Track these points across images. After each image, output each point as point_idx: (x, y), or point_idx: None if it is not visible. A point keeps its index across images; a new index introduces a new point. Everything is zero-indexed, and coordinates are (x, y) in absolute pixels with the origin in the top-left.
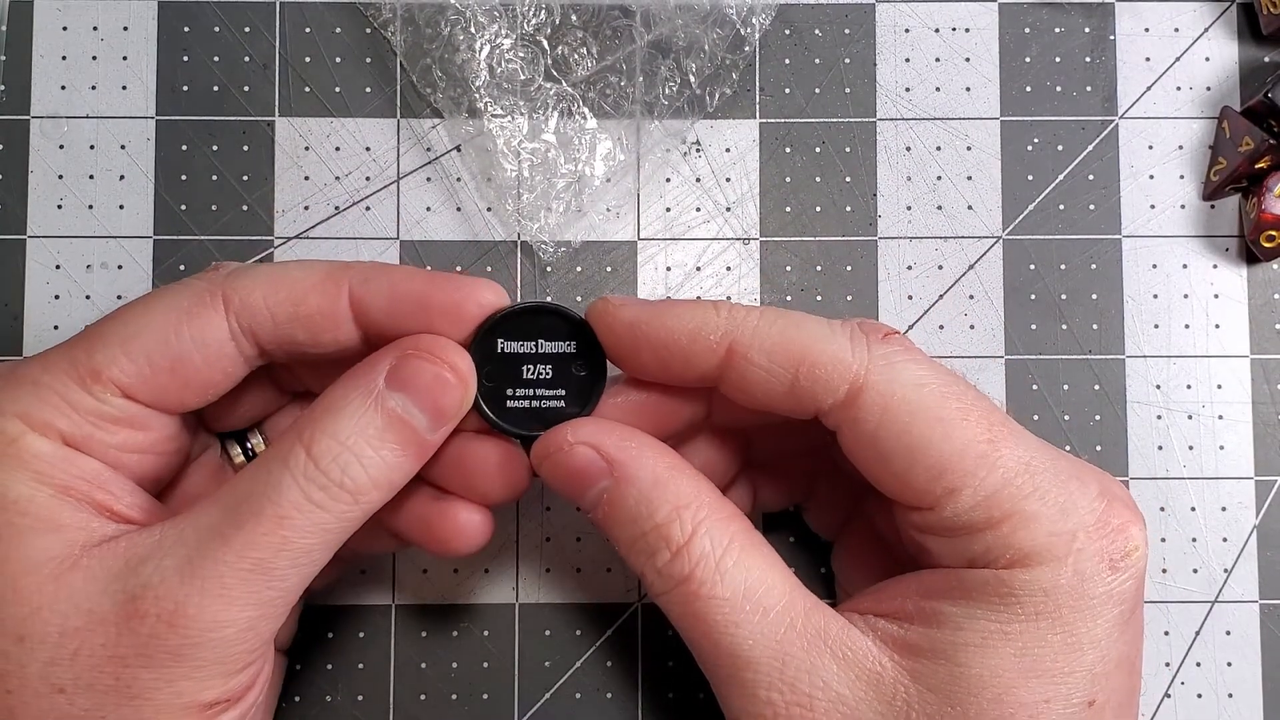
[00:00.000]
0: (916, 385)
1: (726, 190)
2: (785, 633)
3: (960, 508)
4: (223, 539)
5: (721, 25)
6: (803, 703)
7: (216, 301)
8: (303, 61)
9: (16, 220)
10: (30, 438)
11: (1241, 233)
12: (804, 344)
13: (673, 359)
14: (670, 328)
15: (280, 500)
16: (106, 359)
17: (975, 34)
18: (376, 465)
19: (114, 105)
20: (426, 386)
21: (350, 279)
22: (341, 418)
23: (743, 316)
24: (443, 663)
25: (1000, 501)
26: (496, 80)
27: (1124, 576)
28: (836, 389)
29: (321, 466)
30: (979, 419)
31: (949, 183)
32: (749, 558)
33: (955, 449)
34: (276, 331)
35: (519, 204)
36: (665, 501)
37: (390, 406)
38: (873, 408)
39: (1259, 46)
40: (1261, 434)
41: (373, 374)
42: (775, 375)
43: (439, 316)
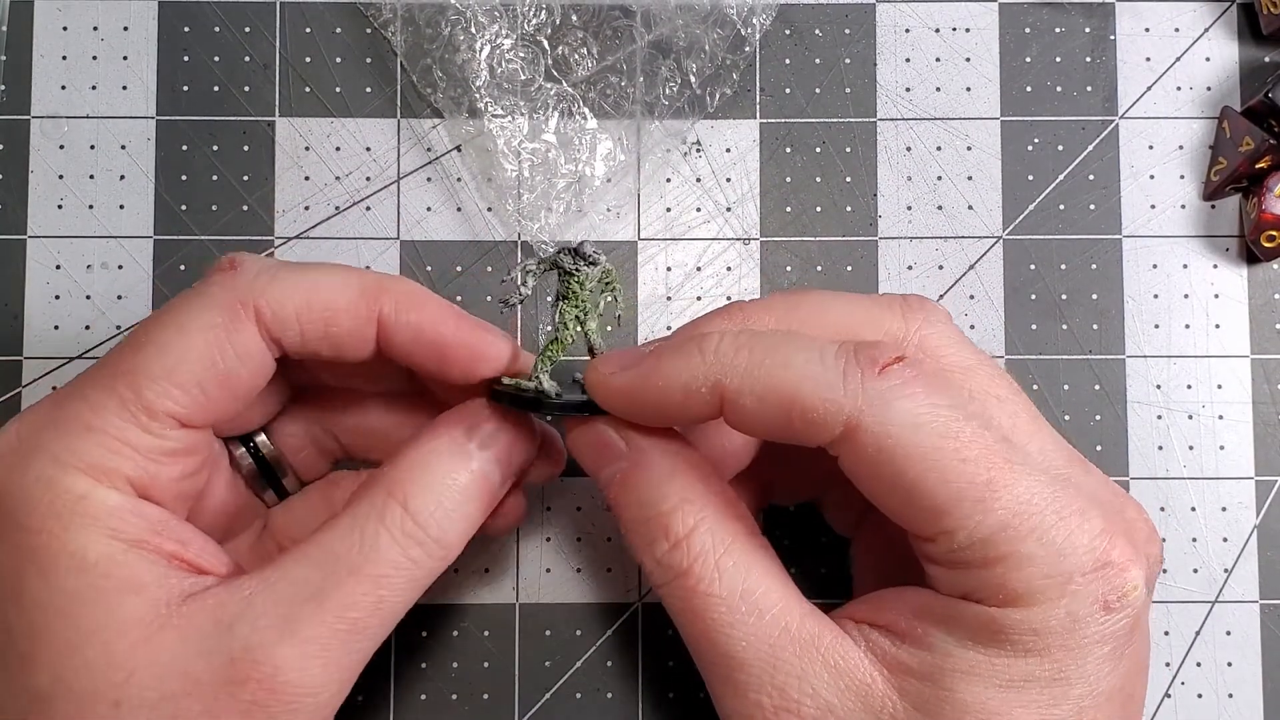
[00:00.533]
0: (912, 426)
1: (727, 190)
2: (779, 637)
3: (956, 545)
4: (319, 599)
5: (722, 25)
6: (790, 708)
7: (249, 312)
8: (303, 61)
9: (17, 220)
10: (100, 492)
11: (1242, 233)
12: (794, 386)
13: (672, 416)
14: (661, 388)
15: (379, 559)
16: (158, 393)
17: (975, 34)
18: (465, 518)
19: (114, 105)
20: (507, 447)
21: (383, 306)
22: (435, 473)
23: (730, 358)
24: (443, 663)
25: (996, 544)
26: (497, 80)
27: (1119, 617)
28: (831, 429)
29: (420, 521)
30: (978, 458)
31: (949, 183)
32: (749, 560)
33: (951, 492)
34: (303, 347)
35: (519, 204)
36: (673, 493)
37: (478, 460)
38: (867, 446)
39: (1259, 46)
40: (1262, 434)
41: (461, 433)
42: (770, 419)
43: (454, 367)
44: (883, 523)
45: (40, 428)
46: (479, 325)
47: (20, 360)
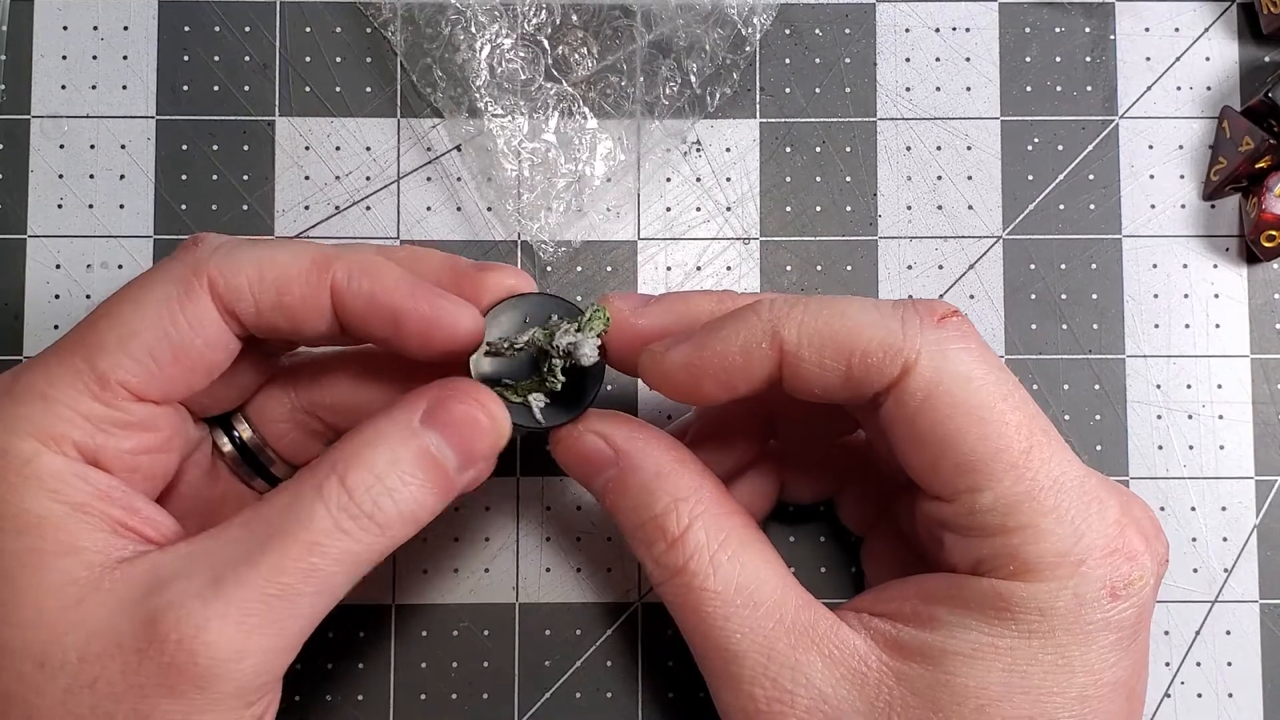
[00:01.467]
0: (965, 377)
1: (727, 190)
2: (773, 628)
3: (978, 507)
4: (249, 563)
5: (723, 25)
6: (784, 699)
7: (203, 282)
8: (303, 61)
9: (17, 220)
10: (46, 456)
11: (1242, 232)
12: (852, 333)
13: (734, 380)
14: (722, 352)
15: (312, 526)
16: (111, 364)
17: (975, 34)
18: (405, 500)
19: (114, 105)
20: (460, 427)
21: (335, 272)
22: (377, 451)
23: (785, 313)
24: (443, 663)
25: (1019, 512)
26: (497, 80)
27: (1124, 605)
28: (889, 373)
29: (355, 497)
30: (1021, 424)
31: (949, 182)
32: (744, 553)
33: (989, 450)
34: (259, 318)
35: (519, 204)
36: (665, 493)
37: (423, 443)
38: (915, 392)
39: (1259, 46)
40: (1261, 434)
41: (410, 411)
42: (828, 369)
43: (411, 337)
44: (896, 520)
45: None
46: (437, 294)
47: (20, 360)
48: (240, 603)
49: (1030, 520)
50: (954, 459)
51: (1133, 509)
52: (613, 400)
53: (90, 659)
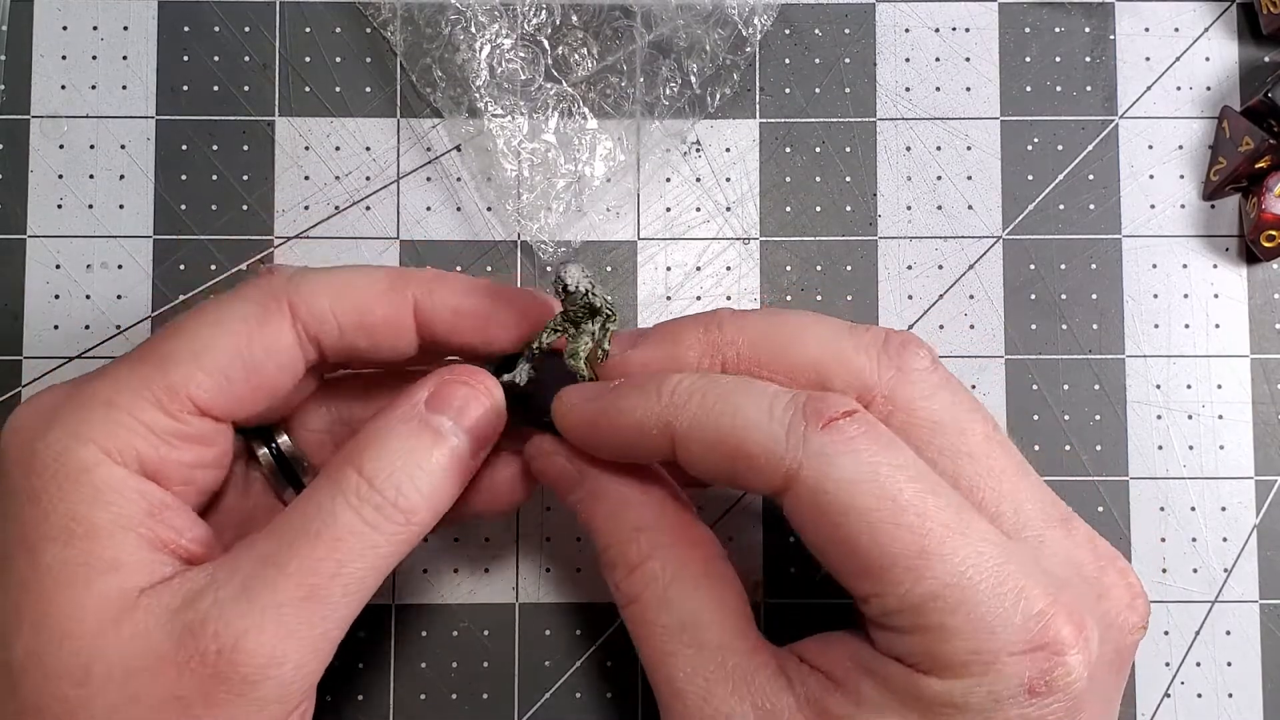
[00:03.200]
0: (850, 483)
1: (726, 190)
2: (714, 671)
3: (886, 610)
4: (278, 566)
5: (723, 25)
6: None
7: (283, 308)
8: (303, 61)
9: (16, 220)
10: (105, 465)
11: (1241, 232)
12: (738, 436)
13: (624, 450)
14: (616, 425)
15: (335, 523)
16: (183, 376)
17: (975, 34)
18: (426, 482)
19: (114, 105)
20: (464, 408)
21: (414, 289)
22: (391, 439)
23: (683, 402)
24: (443, 663)
25: (925, 612)
26: (497, 80)
27: (1048, 701)
28: (772, 480)
29: (376, 485)
30: (914, 524)
31: (949, 182)
32: (698, 590)
33: (883, 556)
34: (341, 340)
35: (519, 204)
36: (626, 522)
37: (435, 425)
38: (804, 501)
39: (1259, 46)
40: (1261, 434)
41: (414, 398)
42: (714, 463)
43: (498, 331)
44: None
45: (62, 401)
46: (508, 288)
47: (20, 360)
48: (274, 608)
49: (938, 619)
50: (853, 565)
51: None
52: None
53: (131, 676)
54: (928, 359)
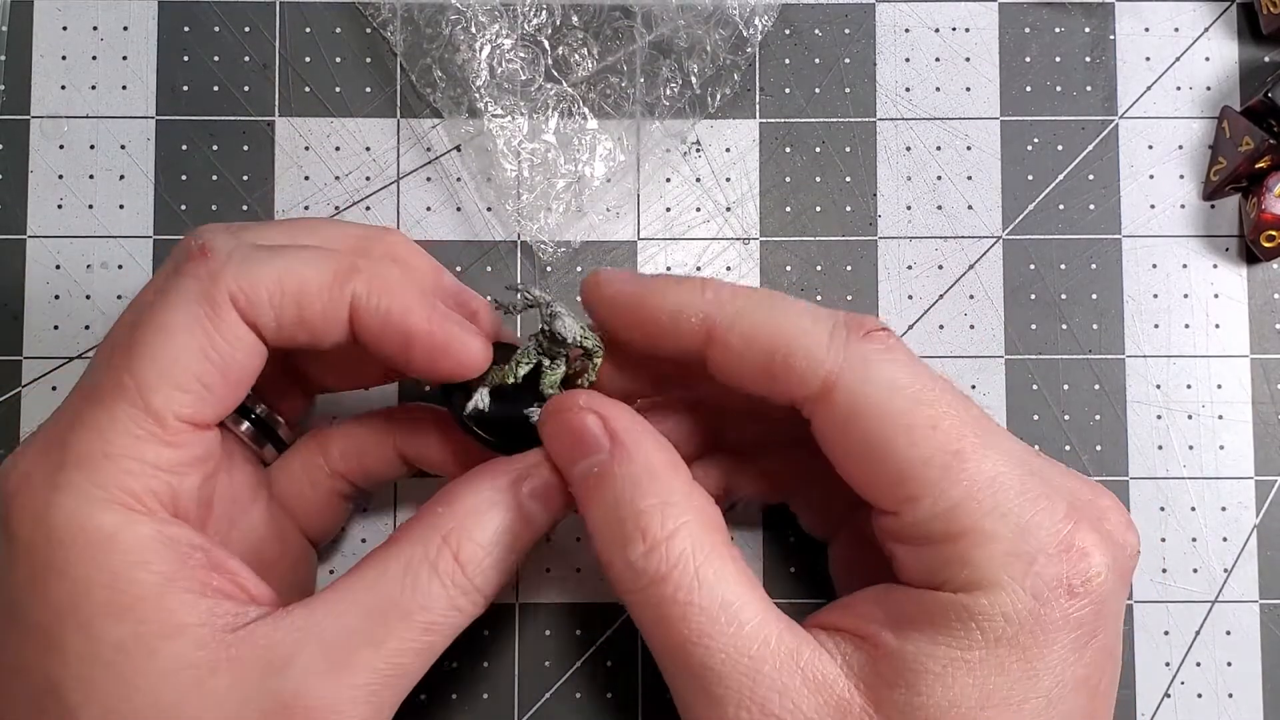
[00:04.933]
0: (890, 388)
1: (726, 190)
2: (759, 650)
3: (920, 517)
4: (373, 645)
5: (724, 26)
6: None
7: (228, 301)
8: (303, 61)
9: (16, 220)
10: (129, 527)
11: (1241, 232)
12: (782, 333)
13: (656, 336)
14: (655, 306)
15: (431, 607)
16: (164, 401)
17: (975, 34)
18: (510, 571)
19: (114, 105)
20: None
21: (355, 287)
22: (488, 527)
23: (728, 298)
24: (443, 663)
25: (959, 516)
26: (497, 80)
27: (1082, 602)
28: (810, 382)
29: (468, 573)
30: (950, 428)
31: (949, 182)
32: (727, 570)
33: (919, 457)
34: (279, 333)
35: (519, 204)
36: (654, 493)
37: (529, 513)
38: (842, 406)
39: (1259, 46)
40: (1261, 434)
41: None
42: (751, 360)
43: (418, 360)
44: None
45: (53, 463)
46: (452, 320)
47: (20, 360)
48: (366, 686)
49: (973, 523)
50: (887, 470)
51: (1099, 501)
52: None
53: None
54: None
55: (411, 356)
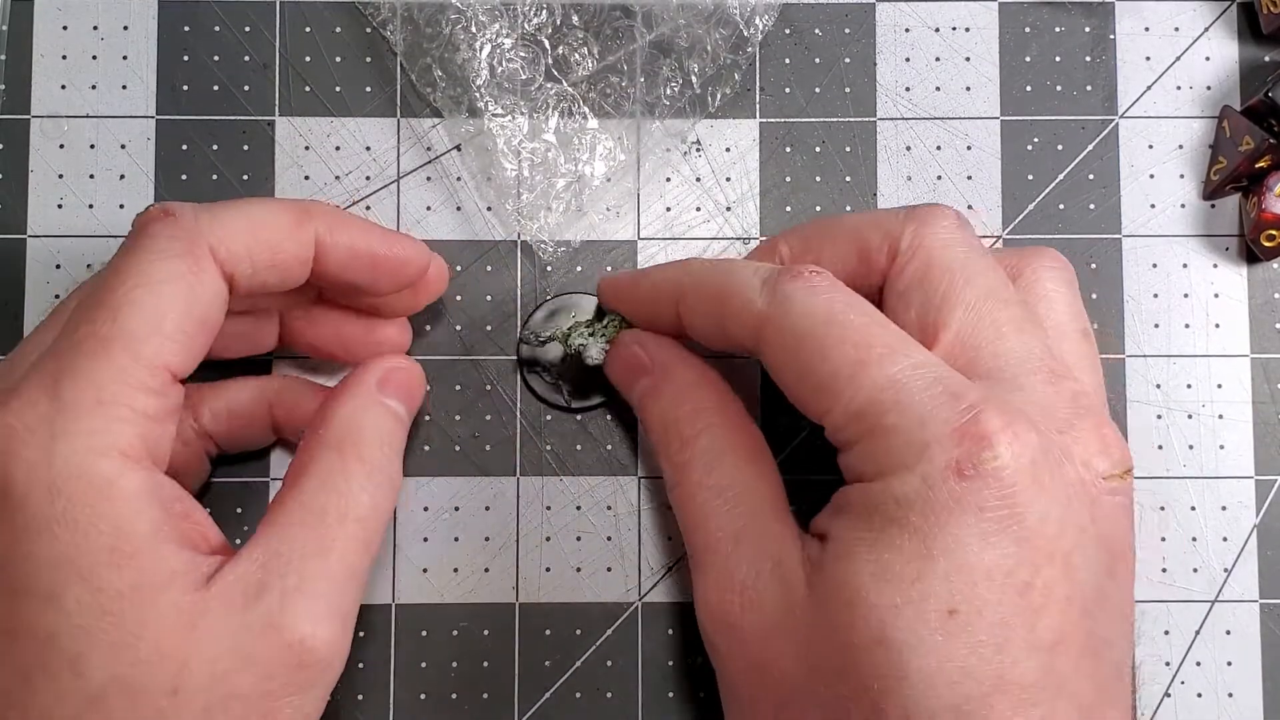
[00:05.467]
0: (806, 315)
1: (727, 190)
2: (744, 527)
3: (837, 423)
4: (323, 554)
5: (724, 25)
6: (734, 588)
7: (207, 254)
8: (303, 61)
9: (16, 220)
10: (125, 476)
11: (1242, 232)
12: (726, 286)
13: (650, 310)
14: (642, 286)
15: (359, 505)
16: (155, 351)
17: (975, 33)
18: (400, 453)
19: (114, 105)
20: (407, 387)
21: (317, 225)
22: (369, 428)
23: (694, 268)
24: (443, 663)
25: (866, 416)
26: (497, 80)
27: (975, 485)
28: (746, 323)
29: (375, 467)
30: (858, 340)
31: (949, 182)
32: (741, 465)
33: (830, 370)
34: (253, 279)
35: (519, 203)
36: (688, 401)
37: (391, 408)
38: (772, 340)
39: (1259, 46)
40: (1262, 433)
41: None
42: (704, 314)
43: (384, 278)
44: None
45: (43, 413)
46: (400, 236)
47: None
48: (328, 594)
49: (875, 422)
50: (808, 385)
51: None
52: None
53: (220, 676)
54: (952, 217)
55: (377, 277)
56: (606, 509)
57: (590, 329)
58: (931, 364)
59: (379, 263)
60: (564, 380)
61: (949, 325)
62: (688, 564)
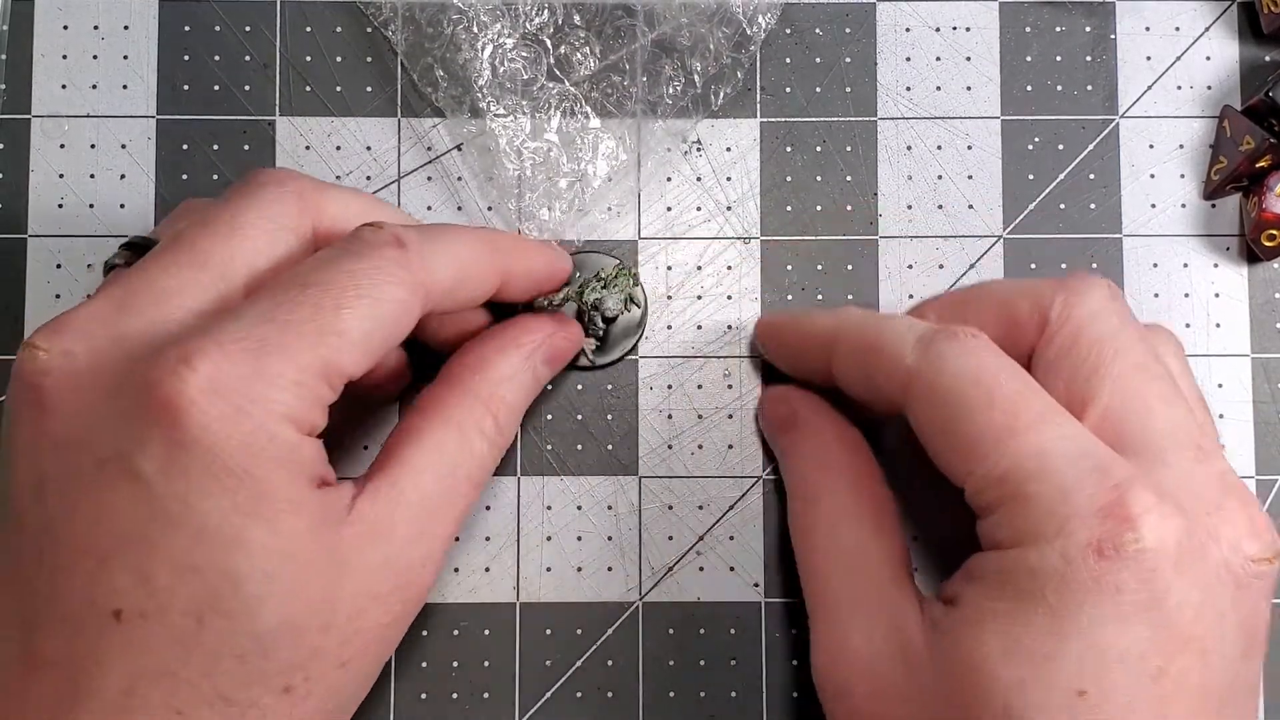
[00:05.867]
0: (955, 375)
1: (727, 189)
2: (863, 590)
3: (978, 486)
4: (448, 508)
5: (727, 24)
6: (851, 647)
7: (422, 290)
8: (303, 61)
9: (17, 220)
10: (305, 444)
11: (1242, 232)
12: (877, 338)
13: (795, 353)
14: (794, 330)
15: (485, 467)
16: (352, 360)
17: (976, 33)
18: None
19: (115, 104)
20: (562, 356)
21: (503, 260)
22: (518, 391)
23: (847, 317)
24: (443, 663)
25: (1007, 484)
26: (499, 79)
27: (1115, 566)
28: (894, 379)
29: (505, 434)
30: (1006, 405)
31: (950, 182)
32: (864, 527)
33: (975, 432)
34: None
35: (520, 203)
36: (820, 461)
37: (538, 375)
38: (917, 396)
39: (1259, 46)
40: (1262, 433)
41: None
42: (855, 364)
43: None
44: None
45: (243, 378)
46: (556, 250)
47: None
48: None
49: (1017, 489)
50: (951, 446)
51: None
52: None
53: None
54: (1104, 288)
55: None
56: (607, 509)
57: (602, 282)
58: (1079, 436)
59: (542, 282)
60: (585, 340)
61: (1098, 398)
62: (689, 565)
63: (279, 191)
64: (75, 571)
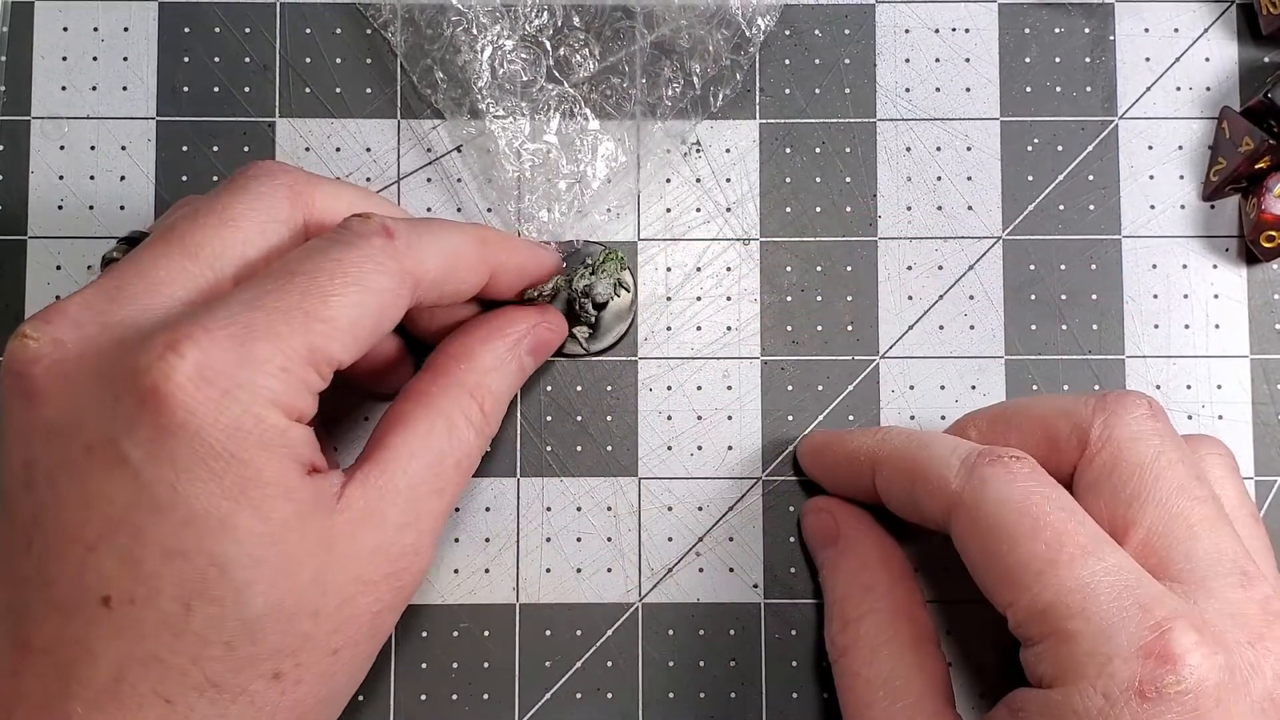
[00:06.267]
0: (999, 502)
1: (727, 191)
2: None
3: (1020, 618)
4: (437, 495)
5: (726, 26)
6: None
7: (410, 280)
8: (303, 62)
9: (17, 221)
10: (293, 427)
11: (1241, 233)
12: (922, 461)
13: (840, 471)
14: (835, 450)
15: (472, 455)
16: (340, 347)
17: (975, 34)
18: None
19: (114, 106)
20: (546, 347)
21: (492, 253)
22: (504, 381)
23: (891, 437)
24: (443, 663)
25: (1050, 617)
26: (498, 81)
27: (1158, 708)
28: (939, 501)
29: (492, 422)
30: (1050, 537)
31: (949, 183)
32: (903, 654)
33: (1019, 562)
34: (427, 299)
35: (520, 205)
36: (861, 580)
37: (524, 365)
38: (963, 521)
39: (1259, 47)
40: (1261, 434)
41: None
42: (899, 486)
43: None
44: None
45: (229, 363)
46: (544, 249)
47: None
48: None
49: (1060, 624)
50: (994, 574)
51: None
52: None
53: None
54: (1144, 407)
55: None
56: (606, 510)
57: (590, 268)
58: (1123, 569)
59: (531, 277)
60: (575, 327)
61: (1140, 522)
62: (689, 566)
63: (270, 184)
64: (65, 558)
